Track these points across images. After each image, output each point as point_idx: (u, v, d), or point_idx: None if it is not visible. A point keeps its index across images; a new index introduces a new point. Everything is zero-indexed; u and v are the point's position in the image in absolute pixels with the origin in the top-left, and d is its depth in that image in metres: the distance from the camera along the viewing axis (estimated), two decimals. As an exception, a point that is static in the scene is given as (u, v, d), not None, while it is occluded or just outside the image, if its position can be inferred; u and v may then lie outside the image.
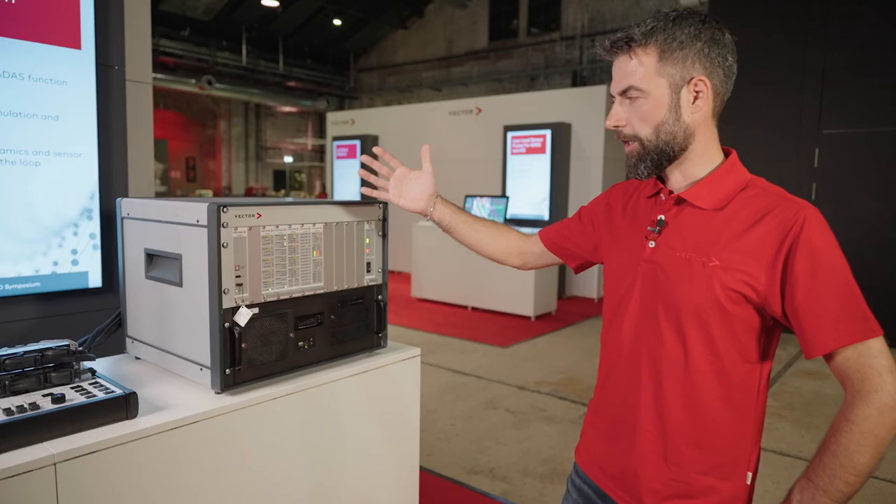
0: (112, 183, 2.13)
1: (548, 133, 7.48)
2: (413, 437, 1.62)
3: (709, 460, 1.04)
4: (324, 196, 15.23)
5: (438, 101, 12.52)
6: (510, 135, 7.82)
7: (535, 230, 1.50)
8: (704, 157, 1.06)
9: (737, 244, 0.98)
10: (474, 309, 7.02)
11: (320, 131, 19.42)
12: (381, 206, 1.51)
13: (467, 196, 7.26)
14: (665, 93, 1.01)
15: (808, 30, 5.84)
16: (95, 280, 2.08)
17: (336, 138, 10.13)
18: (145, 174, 2.32)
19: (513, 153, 7.79)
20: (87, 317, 2.06)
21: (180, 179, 17.07)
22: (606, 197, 1.28)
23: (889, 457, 3.33)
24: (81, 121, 2.02)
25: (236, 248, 1.21)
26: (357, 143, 9.70)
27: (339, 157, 9.97)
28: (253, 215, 1.23)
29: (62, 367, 1.14)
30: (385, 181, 1.40)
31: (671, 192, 1.09)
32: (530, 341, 5.75)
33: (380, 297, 1.52)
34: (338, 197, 9.87)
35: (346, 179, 9.83)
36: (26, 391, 1.08)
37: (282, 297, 1.30)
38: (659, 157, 1.04)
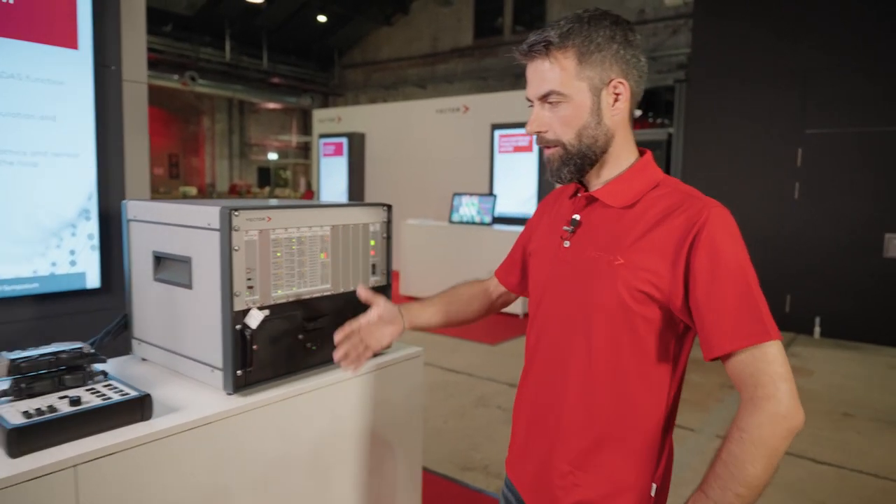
0: (109, 183, 2.12)
1: (535, 132, 7.52)
2: (417, 434, 1.65)
3: (608, 466, 1.01)
4: (310, 194, 15.16)
5: (423, 98, 12.54)
6: (497, 133, 7.85)
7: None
8: (619, 157, 1.05)
9: (642, 242, 0.97)
10: (462, 306, 7.06)
11: (305, 128, 19.31)
12: (385, 208, 1.53)
13: (455, 194, 7.28)
14: (586, 96, 1.00)
15: (791, 30, 5.94)
16: (94, 281, 2.07)
17: (323, 136, 10.09)
18: (141, 174, 2.32)
19: (500, 151, 7.83)
20: (86, 317, 2.06)
21: (163, 176, 16.88)
22: (542, 204, 1.28)
23: (882, 454, 3.43)
24: (79, 121, 2.01)
25: (247, 251, 1.22)
26: (344, 140, 9.67)
27: (325, 155, 9.93)
28: (263, 218, 1.25)
29: (76, 370, 1.15)
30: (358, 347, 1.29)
31: (586, 192, 1.08)
32: (519, 339, 5.79)
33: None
34: (324, 194, 9.84)
35: (333, 177, 9.80)
36: (42, 394, 1.09)
37: (291, 299, 1.32)
38: (581, 162, 1.03)
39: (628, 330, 0.98)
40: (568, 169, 1.03)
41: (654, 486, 1.03)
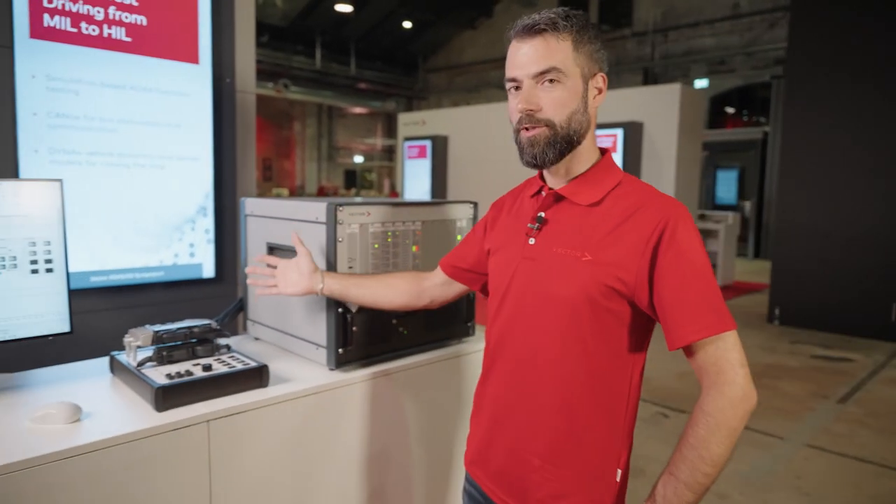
0: (223, 183, 2.37)
1: (619, 132, 7.43)
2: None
3: (580, 458, 1.04)
4: (395, 195, 15.59)
5: (505, 100, 12.58)
6: (580, 134, 7.80)
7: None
8: (588, 153, 1.08)
9: (608, 239, 1.01)
10: (542, 307, 7.08)
11: (389, 131, 19.87)
12: (471, 205, 1.65)
13: (536, 195, 7.31)
14: (579, 81, 1.02)
15: (900, 21, 5.56)
16: (209, 271, 2.32)
17: (407, 138, 10.38)
18: (249, 175, 2.56)
19: (583, 152, 7.77)
20: (201, 304, 2.31)
21: (258, 179, 17.90)
22: (496, 204, 1.27)
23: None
24: (199, 128, 2.26)
25: (349, 242, 1.37)
26: (427, 143, 9.90)
27: (409, 157, 10.22)
28: (363, 214, 1.39)
29: (205, 342, 1.34)
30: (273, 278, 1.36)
31: (551, 189, 1.10)
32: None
33: (469, 289, 1.65)
34: (408, 195, 10.13)
35: (416, 178, 10.06)
36: (179, 361, 1.28)
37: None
38: (565, 146, 1.04)
39: (596, 323, 1.01)
40: (553, 151, 1.03)
41: (619, 471, 1.07)
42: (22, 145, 1.94)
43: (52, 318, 1.25)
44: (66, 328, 1.28)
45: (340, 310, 1.37)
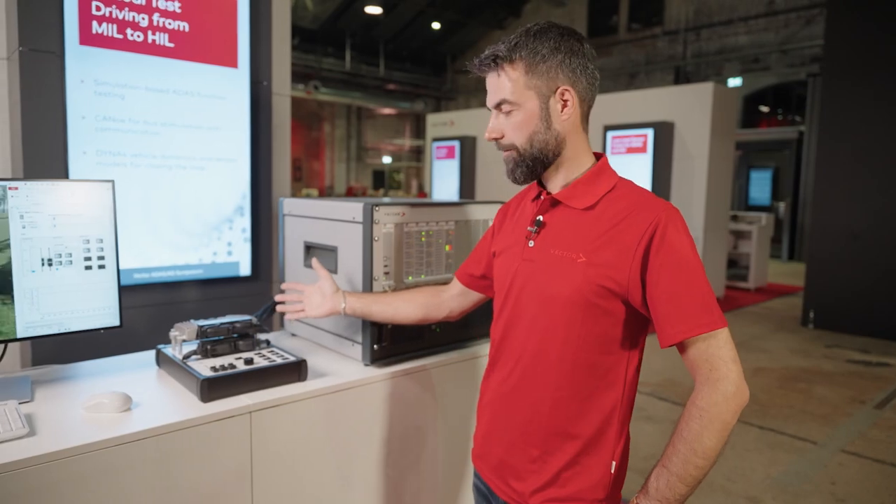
0: (260, 184, 2.43)
1: (650, 132, 7.35)
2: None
3: (574, 449, 1.08)
4: (423, 195, 15.66)
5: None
6: (610, 134, 7.75)
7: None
8: (577, 161, 1.12)
9: (602, 241, 1.05)
10: (571, 308, 7.05)
11: (417, 132, 19.97)
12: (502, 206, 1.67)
13: (565, 196, 7.28)
14: (535, 104, 1.07)
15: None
16: (245, 269, 2.39)
17: (436, 139, 10.42)
18: (284, 176, 2.62)
19: (613, 153, 7.72)
20: (238, 301, 2.37)
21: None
22: (502, 209, 1.33)
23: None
24: (237, 130, 2.33)
25: (385, 241, 1.41)
26: (456, 143, 9.93)
27: (438, 158, 10.26)
28: (398, 214, 1.43)
29: (246, 337, 1.39)
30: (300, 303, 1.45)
31: (549, 194, 1.14)
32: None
33: (500, 288, 1.68)
34: (436, 196, 10.17)
35: (444, 179, 10.10)
36: (222, 354, 1.34)
37: (420, 285, 1.49)
38: (534, 164, 1.10)
39: (591, 321, 1.05)
40: (521, 170, 1.11)
41: (614, 463, 1.09)
42: (72, 147, 2.03)
43: (104, 312, 1.31)
44: (115, 322, 1.34)
45: (376, 307, 1.40)
